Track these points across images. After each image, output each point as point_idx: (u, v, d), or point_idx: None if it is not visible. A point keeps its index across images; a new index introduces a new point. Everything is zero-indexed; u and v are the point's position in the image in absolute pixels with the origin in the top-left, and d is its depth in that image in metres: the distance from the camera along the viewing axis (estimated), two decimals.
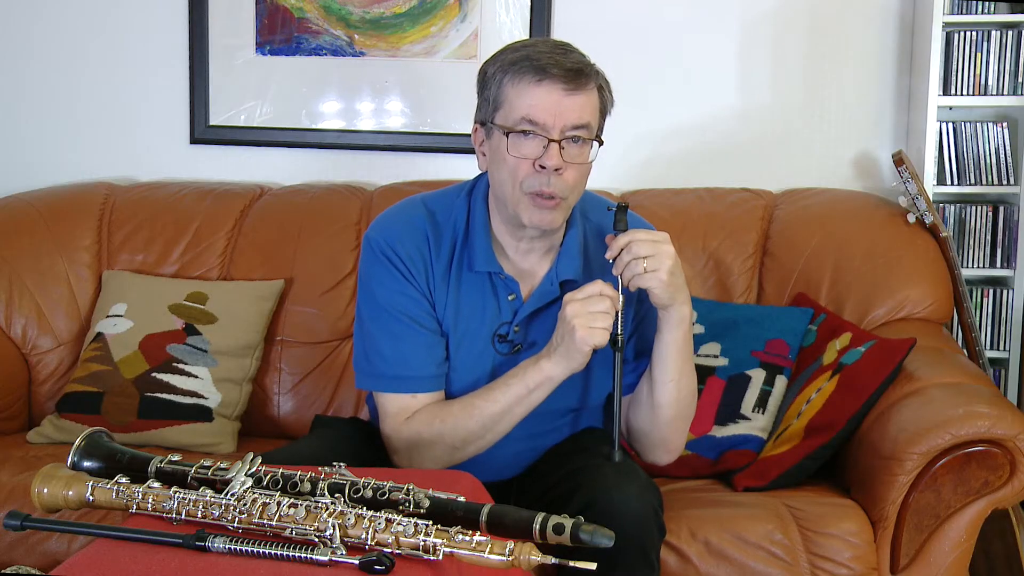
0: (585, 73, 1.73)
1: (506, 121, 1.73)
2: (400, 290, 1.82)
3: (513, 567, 1.24)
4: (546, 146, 1.71)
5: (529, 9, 2.90)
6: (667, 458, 1.91)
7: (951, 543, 2.04)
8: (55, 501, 1.43)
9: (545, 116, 1.70)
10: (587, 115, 1.74)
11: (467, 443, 1.80)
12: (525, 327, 1.85)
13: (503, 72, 1.74)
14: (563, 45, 1.77)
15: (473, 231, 1.84)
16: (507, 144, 1.72)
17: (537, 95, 1.70)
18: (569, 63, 1.72)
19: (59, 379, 2.69)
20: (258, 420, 2.63)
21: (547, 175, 1.72)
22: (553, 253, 1.86)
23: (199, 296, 2.63)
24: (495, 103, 1.75)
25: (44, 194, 2.93)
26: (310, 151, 3.03)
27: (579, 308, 1.70)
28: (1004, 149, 2.76)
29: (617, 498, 1.66)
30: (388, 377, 1.83)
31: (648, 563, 1.70)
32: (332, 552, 1.26)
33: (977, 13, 2.72)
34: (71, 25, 3.08)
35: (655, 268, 1.70)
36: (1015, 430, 1.99)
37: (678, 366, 1.80)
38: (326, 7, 2.97)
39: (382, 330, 1.83)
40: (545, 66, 1.70)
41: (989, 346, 2.78)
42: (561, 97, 1.71)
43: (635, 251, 1.70)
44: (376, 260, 1.83)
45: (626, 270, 1.71)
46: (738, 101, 2.92)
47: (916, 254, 2.57)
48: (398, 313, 1.82)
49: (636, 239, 1.71)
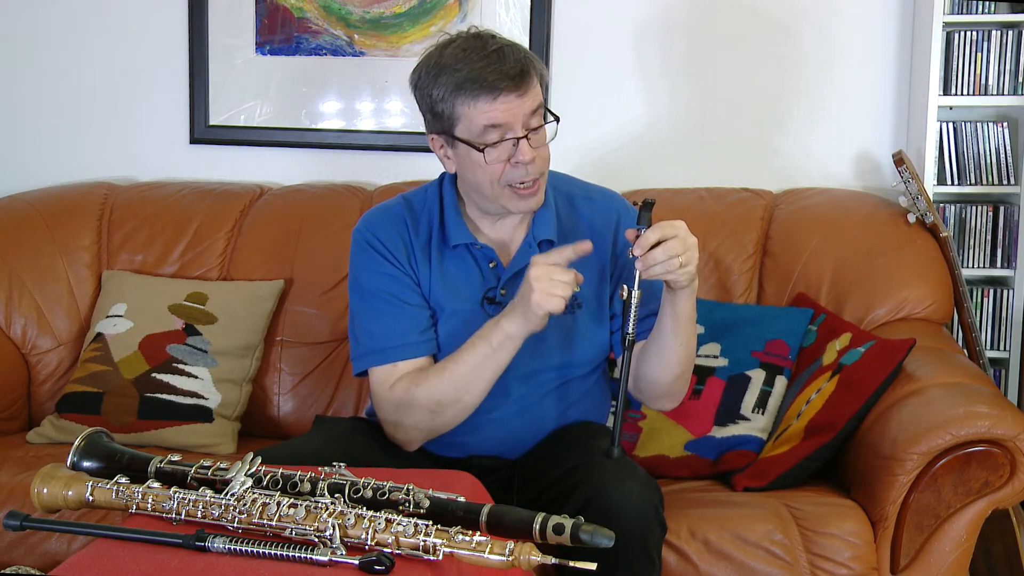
0: (526, 71, 1.79)
1: (471, 134, 1.80)
2: (381, 271, 1.91)
3: (513, 567, 1.24)
4: (516, 144, 1.79)
5: (529, 9, 2.90)
6: (671, 405, 1.97)
7: (951, 543, 2.04)
8: (55, 501, 1.43)
9: (506, 118, 1.79)
10: (537, 99, 1.82)
11: (443, 406, 1.84)
12: (511, 288, 1.90)
13: (452, 95, 1.80)
14: (491, 47, 1.80)
15: (446, 212, 1.93)
16: (482, 157, 1.80)
17: (496, 108, 1.78)
18: (511, 70, 1.78)
19: (59, 379, 2.69)
20: (258, 420, 2.63)
21: (523, 167, 1.81)
22: (528, 218, 1.94)
23: (199, 296, 2.63)
24: (451, 120, 1.82)
25: (44, 194, 2.93)
26: (310, 151, 3.03)
27: (543, 272, 1.74)
28: (1004, 149, 2.76)
29: (617, 495, 1.68)
30: (373, 352, 1.90)
31: (649, 559, 1.72)
32: (332, 552, 1.26)
33: (977, 13, 2.71)
34: (71, 25, 3.08)
35: (687, 263, 1.73)
36: (1015, 430, 1.99)
37: (688, 331, 1.84)
38: (326, 7, 2.97)
39: (367, 311, 1.92)
40: (494, 83, 1.76)
41: (989, 346, 2.78)
42: (517, 101, 1.79)
43: (671, 250, 1.71)
44: (360, 249, 1.95)
45: (658, 267, 1.71)
46: (738, 100, 2.91)
47: (916, 254, 2.57)
48: (381, 292, 1.91)
49: (667, 236, 1.72)
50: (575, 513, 1.33)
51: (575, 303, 1.92)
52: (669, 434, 2.33)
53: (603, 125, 2.93)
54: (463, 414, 1.86)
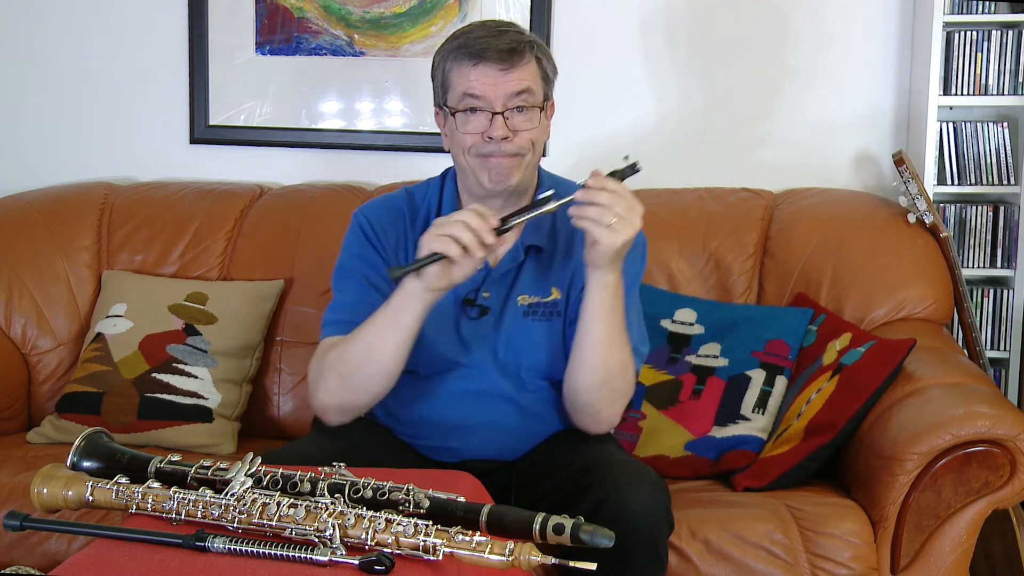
0: (518, 51, 1.82)
1: (453, 101, 1.85)
2: (361, 254, 1.94)
3: (513, 567, 1.24)
4: (491, 119, 1.81)
5: (529, 9, 2.90)
6: (596, 427, 1.91)
7: (951, 543, 2.04)
8: (55, 501, 1.42)
9: (485, 90, 1.81)
10: (526, 82, 1.83)
11: (353, 369, 1.81)
12: (494, 291, 1.90)
13: (444, 59, 1.86)
14: (500, 27, 1.87)
15: (443, 208, 1.94)
16: (456, 122, 1.84)
17: (475, 75, 1.81)
18: (503, 44, 1.81)
19: (59, 379, 2.69)
20: (258, 420, 2.63)
21: (496, 144, 1.81)
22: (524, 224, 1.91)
23: (199, 296, 2.63)
24: (443, 87, 1.87)
25: (44, 194, 2.93)
26: (310, 151, 3.03)
27: (443, 218, 1.72)
28: (1004, 149, 2.76)
29: (630, 497, 1.68)
30: (328, 324, 1.91)
31: (659, 560, 1.73)
32: (332, 552, 1.26)
33: (977, 13, 2.71)
34: (71, 25, 3.08)
35: (618, 230, 1.69)
36: (1015, 430, 1.99)
37: (604, 331, 1.80)
38: (326, 7, 2.97)
39: (338, 287, 1.95)
40: (479, 51, 1.81)
41: (989, 346, 2.78)
42: (498, 75, 1.81)
43: (614, 203, 1.68)
44: (352, 231, 1.97)
45: (592, 210, 1.69)
46: (738, 100, 2.91)
47: (916, 254, 2.56)
48: (355, 272, 1.93)
49: (623, 195, 1.70)
50: (586, 515, 1.33)
51: (554, 310, 1.91)
52: (669, 434, 2.33)
53: (602, 125, 2.92)
54: (376, 383, 1.82)
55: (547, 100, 1.89)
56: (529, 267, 1.93)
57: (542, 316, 1.92)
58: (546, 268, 1.93)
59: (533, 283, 1.92)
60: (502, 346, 1.91)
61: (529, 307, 1.91)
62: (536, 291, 1.92)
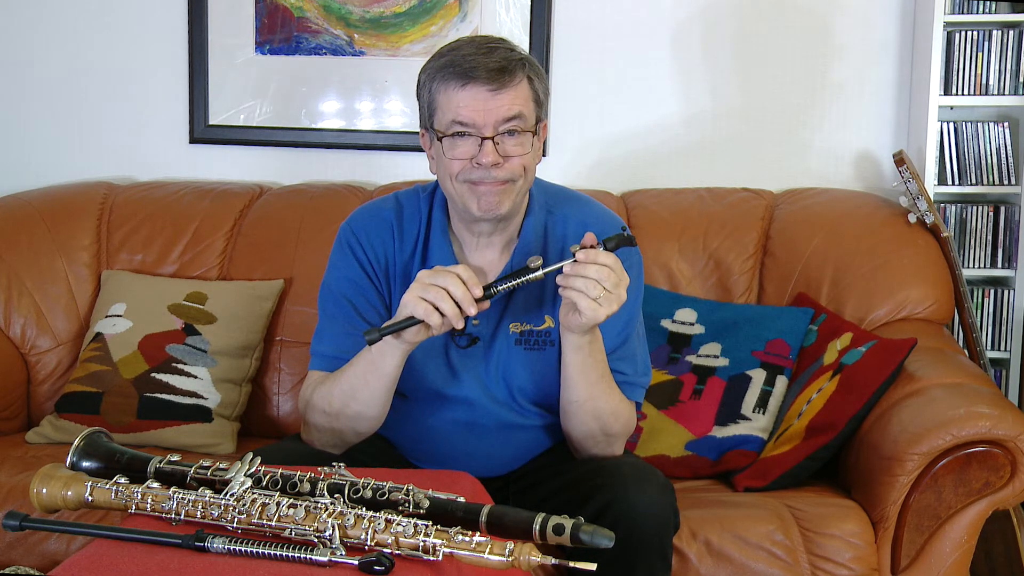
0: (509, 70, 1.72)
1: (441, 125, 1.75)
2: (349, 277, 1.87)
3: (513, 567, 1.24)
4: (480, 144, 1.72)
5: (529, 9, 2.89)
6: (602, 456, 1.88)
7: (952, 544, 2.04)
8: (54, 501, 1.42)
9: (474, 116, 1.72)
10: (518, 107, 1.73)
11: (335, 409, 1.78)
12: (484, 319, 1.84)
13: (431, 79, 1.77)
14: (489, 43, 1.77)
15: (433, 228, 1.87)
16: (443, 148, 1.75)
17: (463, 98, 1.72)
18: (492, 63, 1.72)
19: (58, 379, 2.69)
20: (258, 420, 2.63)
21: (485, 170, 1.73)
22: (512, 247, 1.86)
23: (198, 296, 2.62)
24: (429, 109, 1.78)
25: (44, 194, 2.93)
26: (310, 151, 3.03)
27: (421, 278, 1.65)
28: (1005, 149, 2.76)
29: (638, 499, 1.68)
30: (316, 355, 1.88)
31: (666, 560, 1.73)
32: (331, 552, 1.26)
33: (978, 13, 2.71)
34: (71, 25, 3.07)
35: (603, 305, 1.64)
36: (1016, 431, 1.99)
37: (585, 389, 1.77)
38: (326, 6, 2.97)
39: (323, 311, 1.90)
40: (468, 70, 1.71)
41: (990, 346, 2.78)
42: (488, 98, 1.72)
43: (603, 278, 1.63)
44: (340, 247, 1.90)
45: (579, 281, 1.63)
46: (738, 100, 2.91)
47: (917, 254, 2.56)
48: (340, 296, 1.87)
49: (613, 269, 1.64)
50: (594, 516, 1.32)
51: (547, 339, 1.84)
52: (670, 434, 2.33)
53: (602, 125, 2.92)
54: (362, 423, 1.80)
55: (539, 123, 1.79)
56: (521, 293, 1.84)
57: (535, 345, 1.85)
58: (539, 295, 1.85)
59: (525, 310, 1.85)
60: (492, 376, 1.85)
61: (521, 335, 1.84)
62: (528, 319, 1.85)
